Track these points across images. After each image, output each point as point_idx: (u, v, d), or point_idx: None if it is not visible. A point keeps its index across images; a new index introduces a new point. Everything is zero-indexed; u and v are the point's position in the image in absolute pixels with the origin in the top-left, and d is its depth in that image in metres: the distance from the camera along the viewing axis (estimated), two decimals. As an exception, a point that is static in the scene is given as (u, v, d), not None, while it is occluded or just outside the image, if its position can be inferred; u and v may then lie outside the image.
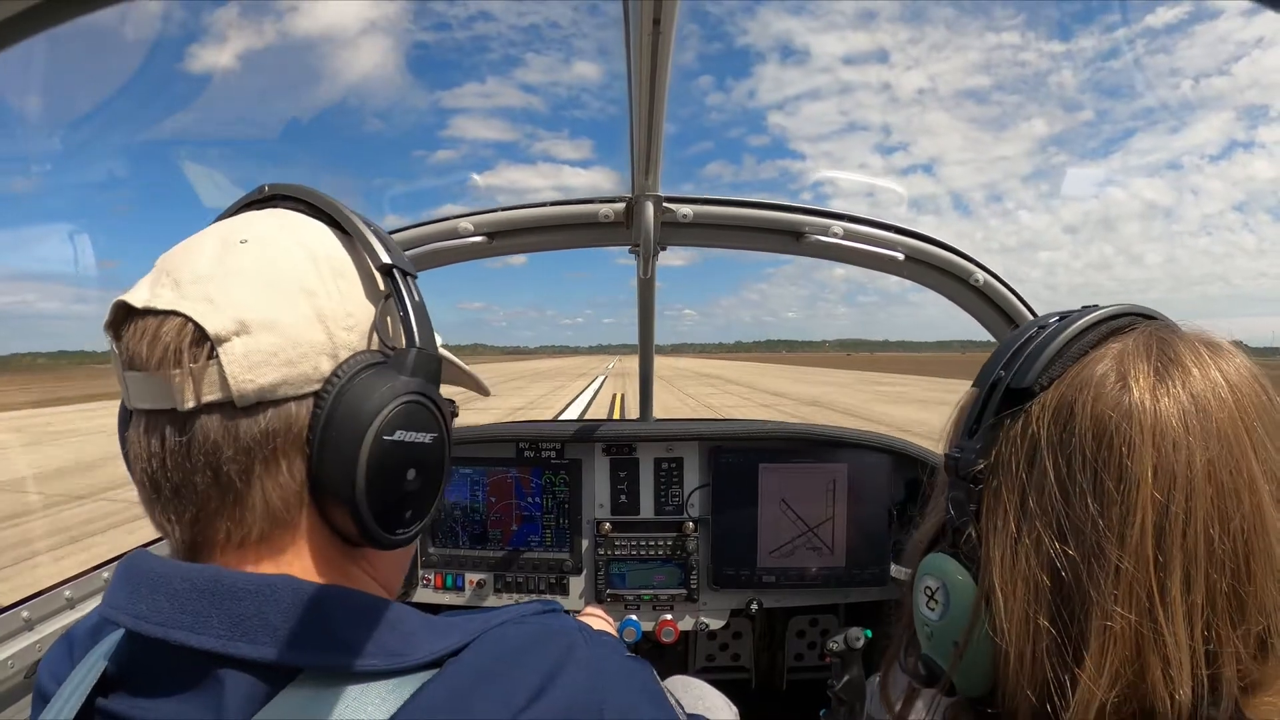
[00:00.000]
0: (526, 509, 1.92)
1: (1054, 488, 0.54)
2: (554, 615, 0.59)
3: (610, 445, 1.92)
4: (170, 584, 0.50)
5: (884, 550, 1.87)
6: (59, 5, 0.60)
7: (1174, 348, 0.56)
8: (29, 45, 0.61)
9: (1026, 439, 0.56)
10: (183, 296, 0.51)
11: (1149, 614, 0.50)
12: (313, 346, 0.53)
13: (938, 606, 0.59)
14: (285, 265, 0.54)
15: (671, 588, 1.89)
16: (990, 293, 1.59)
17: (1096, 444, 0.53)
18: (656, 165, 1.29)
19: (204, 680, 0.48)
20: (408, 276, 0.59)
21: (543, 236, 1.55)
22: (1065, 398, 0.56)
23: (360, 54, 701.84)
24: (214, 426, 0.51)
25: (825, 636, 2.22)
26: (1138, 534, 0.50)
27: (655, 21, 0.86)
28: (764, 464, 1.87)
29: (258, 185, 0.64)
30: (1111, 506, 0.51)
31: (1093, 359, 0.57)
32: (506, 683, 0.51)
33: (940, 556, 0.60)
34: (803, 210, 1.51)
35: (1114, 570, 0.51)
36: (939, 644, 0.60)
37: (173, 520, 0.53)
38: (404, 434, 0.54)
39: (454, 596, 1.91)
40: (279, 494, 0.53)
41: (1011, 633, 0.54)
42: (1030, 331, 0.61)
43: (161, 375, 0.50)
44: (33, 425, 22.50)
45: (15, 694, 1.17)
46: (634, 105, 1.09)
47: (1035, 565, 0.54)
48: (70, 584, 1.30)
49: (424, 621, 0.54)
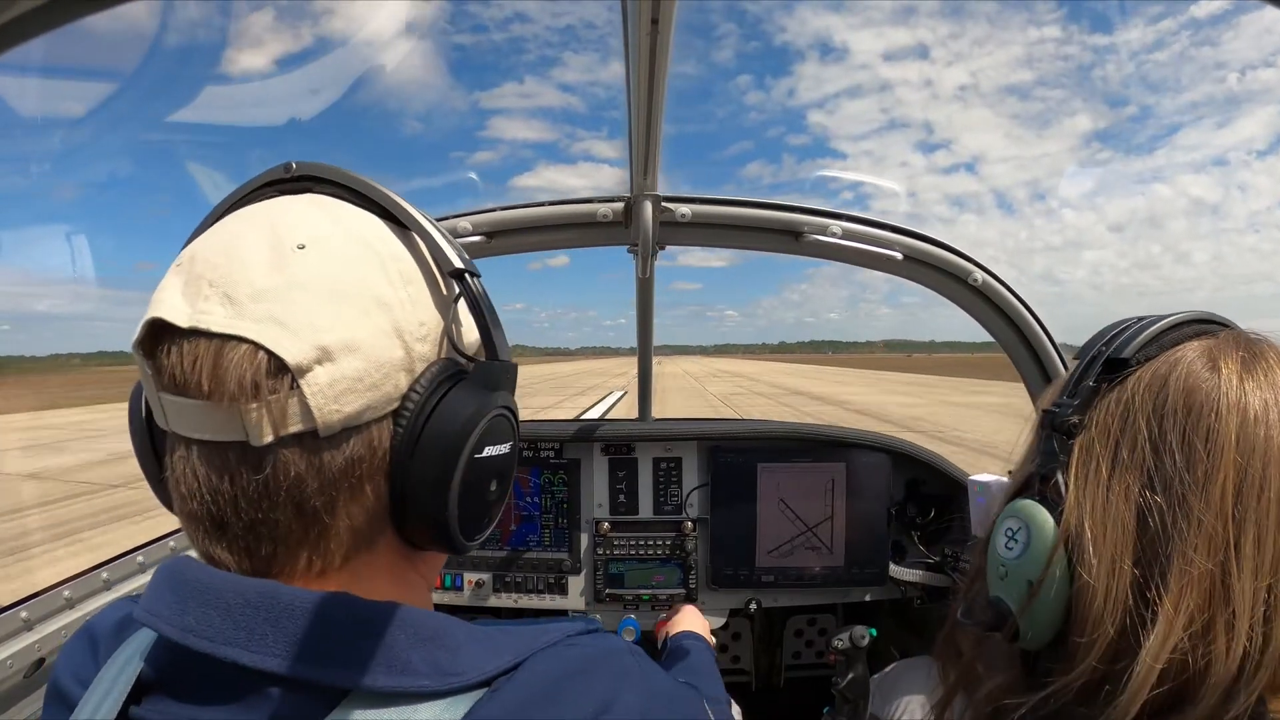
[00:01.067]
0: (525, 509, 1.92)
1: (1146, 444, 0.60)
2: (602, 635, 0.58)
3: (609, 445, 1.92)
4: (223, 598, 0.47)
5: (883, 550, 1.87)
6: (71, 4, 0.60)
7: (1260, 347, 0.63)
8: (27, 48, 0.60)
9: (1122, 402, 0.63)
10: (242, 315, 0.46)
11: (1223, 564, 0.56)
12: (393, 365, 0.49)
13: (1017, 545, 0.64)
14: (355, 273, 0.49)
15: (670, 587, 1.89)
16: (989, 292, 1.59)
17: (1187, 410, 0.59)
18: (655, 165, 1.29)
19: (250, 696, 0.47)
20: (475, 276, 0.55)
21: (541, 236, 1.55)
22: (1159, 372, 0.62)
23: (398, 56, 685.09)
24: (296, 460, 0.47)
25: (824, 636, 2.22)
26: (1219, 491, 0.56)
27: (653, 21, 0.86)
28: (763, 464, 1.87)
29: (281, 164, 0.56)
30: (1198, 464, 0.57)
31: (1185, 347, 0.64)
32: (562, 706, 0.49)
33: (1025, 501, 0.65)
34: (801, 210, 1.52)
35: (1196, 521, 0.56)
36: (1012, 583, 0.64)
37: (240, 553, 0.49)
38: (491, 449, 0.53)
39: (453, 596, 1.91)
40: (364, 519, 0.51)
41: (1100, 568, 0.59)
42: (1129, 321, 0.69)
43: (230, 408, 0.45)
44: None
45: (15, 694, 1.17)
46: (633, 105, 1.09)
47: (1125, 509, 0.59)
48: (69, 584, 1.30)
49: (470, 634, 0.52)
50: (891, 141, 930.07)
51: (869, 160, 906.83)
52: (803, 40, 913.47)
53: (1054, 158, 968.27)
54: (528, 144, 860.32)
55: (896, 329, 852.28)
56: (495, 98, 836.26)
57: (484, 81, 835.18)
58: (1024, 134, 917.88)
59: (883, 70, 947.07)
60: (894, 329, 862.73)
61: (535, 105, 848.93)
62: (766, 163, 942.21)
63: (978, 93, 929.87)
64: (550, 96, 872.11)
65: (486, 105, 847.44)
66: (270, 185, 0.56)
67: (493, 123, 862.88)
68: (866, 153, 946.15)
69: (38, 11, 0.58)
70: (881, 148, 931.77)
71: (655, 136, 1.17)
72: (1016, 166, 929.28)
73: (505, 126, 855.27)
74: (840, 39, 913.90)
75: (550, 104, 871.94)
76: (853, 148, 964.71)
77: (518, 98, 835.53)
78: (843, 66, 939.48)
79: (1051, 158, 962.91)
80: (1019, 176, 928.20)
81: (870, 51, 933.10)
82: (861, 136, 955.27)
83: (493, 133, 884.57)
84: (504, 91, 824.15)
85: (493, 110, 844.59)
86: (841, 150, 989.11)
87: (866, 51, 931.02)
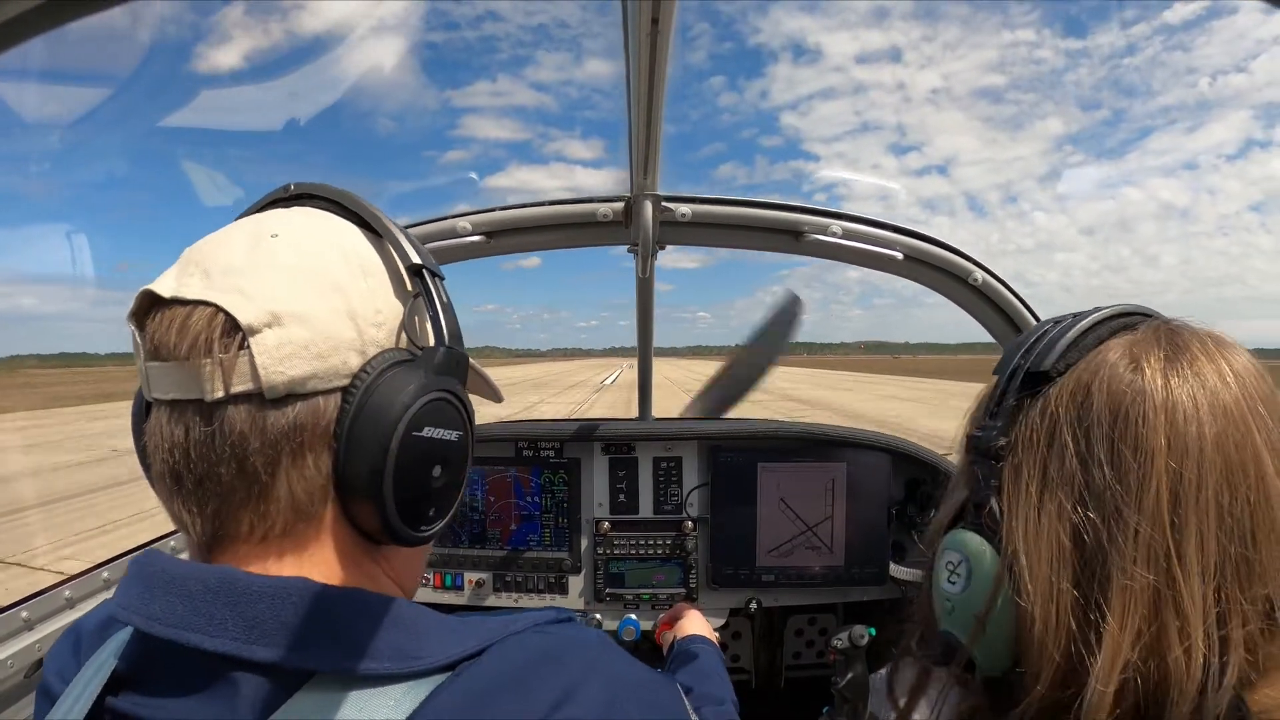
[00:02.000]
0: (525, 508, 1.91)
1: (1074, 459, 0.58)
2: (573, 625, 0.59)
3: (609, 444, 1.92)
4: (184, 585, 0.50)
5: (883, 549, 1.87)
6: (62, 5, 0.60)
7: (1182, 337, 0.60)
8: (26, 49, 0.60)
9: (1046, 417, 0.60)
10: (213, 287, 0.51)
11: (1166, 573, 0.53)
12: (343, 342, 0.53)
13: (959, 579, 0.62)
14: (317, 261, 0.54)
15: (671, 587, 1.89)
16: (989, 292, 1.59)
17: (1113, 418, 0.57)
18: (655, 164, 1.29)
19: (216, 682, 0.48)
20: (436, 277, 0.60)
21: (541, 236, 1.55)
22: (1081, 380, 0.60)
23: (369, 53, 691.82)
24: (242, 417, 0.50)
25: (824, 636, 2.22)
26: (1154, 499, 0.54)
27: (654, 21, 0.86)
28: (763, 463, 1.87)
29: (282, 185, 0.64)
30: (1128, 474, 0.55)
31: (1106, 348, 0.61)
32: (525, 692, 0.50)
33: (962, 532, 0.63)
34: (802, 209, 1.51)
35: (1133, 533, 0.54)
36: (960, 617, 0.62)
37: (194, 512, 0.53)
38: (432, 430, 0.55)
39: (453, 596, 1.91)
40: (304, 487, 0.53)
41: (1037, 594, 0.57)
42: (1045, 327, 0.66)
43: (190, 364, 0.50)
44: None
45: (15, 694, 1.18)
46: (633, 104, 1.09)
47: (1059, 530, 0.57)
48: (70, 584, 1.30)
49: (438, 622, 0.53)
50: (864, 144, 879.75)
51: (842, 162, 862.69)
52: (776, 42, 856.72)
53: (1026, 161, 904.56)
54: (500, 143, 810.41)
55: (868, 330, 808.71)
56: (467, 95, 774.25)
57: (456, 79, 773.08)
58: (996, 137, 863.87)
59: (856, 72, 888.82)
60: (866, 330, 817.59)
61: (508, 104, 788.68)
62: (739, 164, 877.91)
63: (950, 96, 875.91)
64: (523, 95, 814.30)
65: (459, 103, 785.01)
66: (274, 203, 0.62)
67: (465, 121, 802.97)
68: (839, 154, 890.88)
69: (37, 12, 0.58)
70: (854, 150, 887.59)
71: (655, 136, 1.16)
72: (989, 169, 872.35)
73: (477, 125, 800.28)
74: (814, 41, 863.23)
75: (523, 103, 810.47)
76: (825, 149, 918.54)
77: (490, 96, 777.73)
78: (816, 69, 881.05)
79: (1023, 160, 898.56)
80: (991, 179, 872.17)
81: (844, 54, 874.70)
82: (834, 138, 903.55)
83: (465, 131, 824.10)
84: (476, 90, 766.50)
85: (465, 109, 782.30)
86: (814, 152, 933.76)
87: (840, 54, 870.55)
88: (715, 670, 1.27)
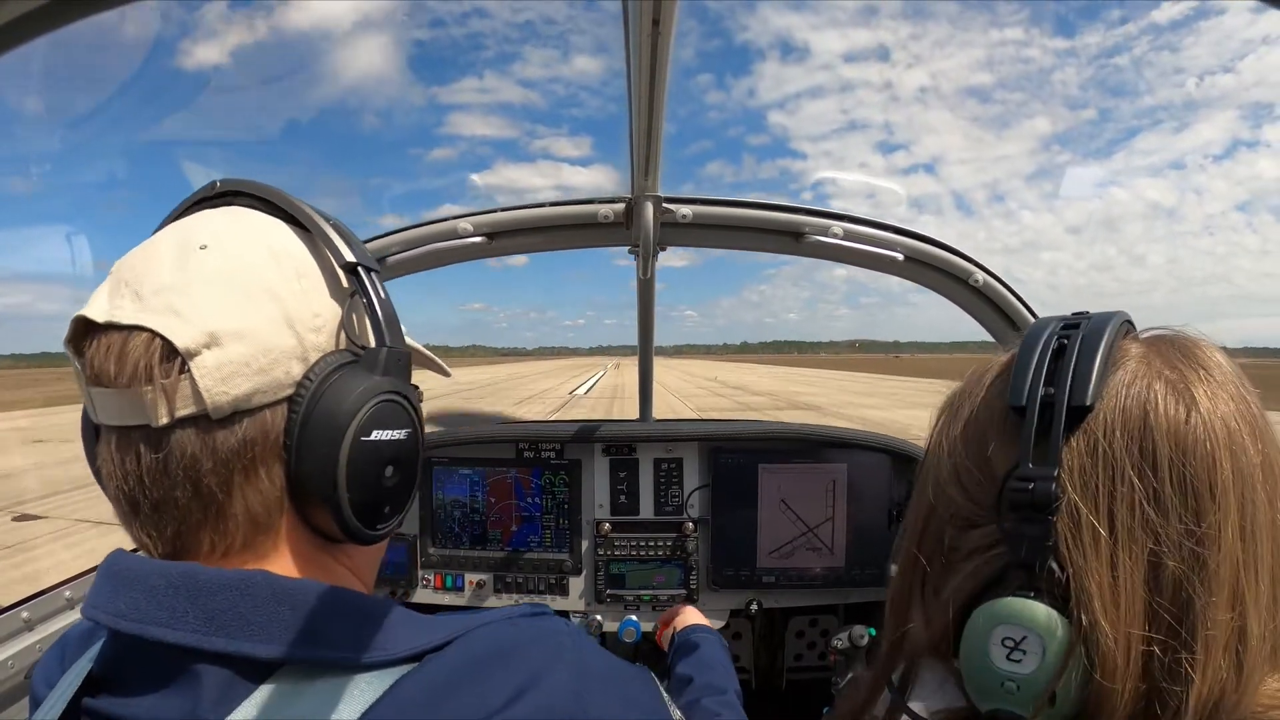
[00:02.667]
0: (526, 509, 1.91)
1: (1144, 501, 0.52)
2: (544, 617, 0.59)
3: (610, 445, 1.92)
4: (147, 580, 0.50)
5: (884, 551, 1.87)
6: (62, 7, 0.60)
7: (1191, 351, 0.57)
8: (27, 50, 0.61)
9: (1097, 455, 0.53)
10: (146, 309, 0.50)
11: (1242, 608, 0.51)
12: (283, 352, 0.53)
13: (1025, 656, 0.53)
14: (248, 269, 0.54)
15: (671, 588, 1.89)
16: (990, 293, 1.59)
17: (1181, 455, 0.52)
18: (656, 166, 1.29)
19: (181, 676, 0.48)
20: (372, 273, 0.59)
21: (542, 237, 1.55)
22: (1130, 411, 0.54)
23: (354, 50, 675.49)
24: (191, 440, 0.50)
25: (825, 637, 2.22)
26: (1231, 535, 0.51)
27: (655, 22, 0.86)
28: (764, 464, 1.87)
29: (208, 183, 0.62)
30: (1206, 514, 0.51)
31: (1127, 369, 0.56)
32: (487, 681, 0.50)
33: (1016, 601, 0.53)
34: (802, 210, 1.51)
35: (1214, 573, 0.51)
36: (1026, 697, 0.54)
37: (153, 535, 0.53)
38: (380, 433, 0.55)
39: (454, 597, 1.91)
40: (260, 500, 0.53)
41: (1119, 660, 0.51)
42: (1040, 339, 0.59)
43: (133, 392, 0.50)
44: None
45: (15, 694, 1.18)
46: (633, 105, 1.09)
47: (1138, 586, 0.51)
48: (70, 584, 1.30)
49: (404, 616, 0.54)
50: (852, 142, 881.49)
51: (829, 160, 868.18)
52: (764, 39, 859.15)
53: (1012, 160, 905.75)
54: (486, 140, 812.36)
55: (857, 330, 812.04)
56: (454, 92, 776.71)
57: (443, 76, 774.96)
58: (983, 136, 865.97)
59: (844, 71, 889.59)
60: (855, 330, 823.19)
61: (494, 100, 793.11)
62: (727, 162, 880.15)
63: (938, 94, 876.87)
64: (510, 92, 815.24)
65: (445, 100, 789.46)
66: (201, 202, 0.61)
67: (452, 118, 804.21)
68: (826, 153, 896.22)
69: (38, 13, 0.58)
70: (841, 148, 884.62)
71: (656, 138, 1.16)
72: (975, 168, 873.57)
73: (464, 122, 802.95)
74: (802, 38, 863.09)
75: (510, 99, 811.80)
76: (813, 148, 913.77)
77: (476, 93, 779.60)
78: (804, 67, 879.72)
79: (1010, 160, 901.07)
80: (978, 178, 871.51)
81: (831, 52, 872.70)
82: (821, 137, 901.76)
83: (451, 129, 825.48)
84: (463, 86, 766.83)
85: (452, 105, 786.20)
86: (802, 150, 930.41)
87: (828, 52, 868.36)
88: (717, 660, 1.25)
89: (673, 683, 1.20)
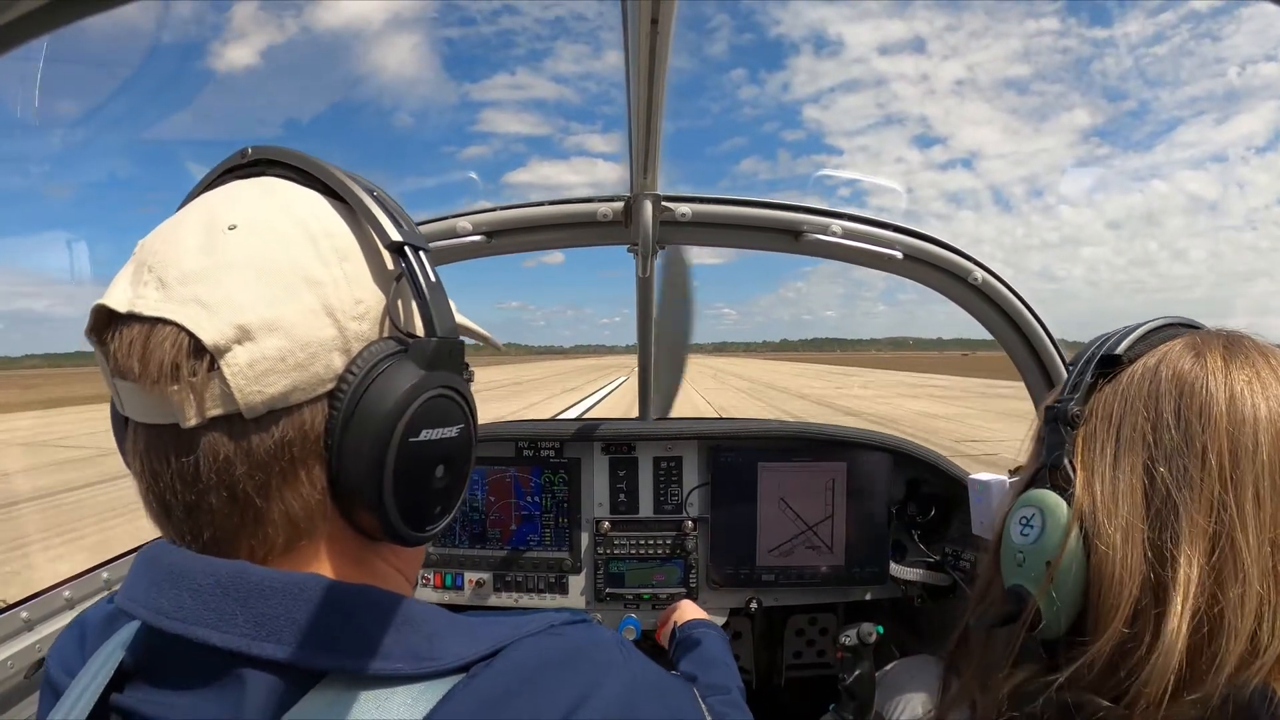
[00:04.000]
0: (526, 508, 1.91)
1: (1145, 423, 0.65)
2: (588, 626, 0.57)
3: (609, 444, 1.92)
4: (194, 579, 0.47)
5: (884, 549, 1.87)
6: (63, 6, 0.60)
7: (1239, 340, 0.68)
8: (29, 49, 0.61)
9: (1119, 393, 0.68)
10: (170, 299, 0.46)
11: (1228, 522, 0.60)
12: (323, 344, 0.48)
13: (1032, 530, 0.67)
14: (282, 252, 0.49)
15: (671, 587, 1.89)
16: (989, 291, 1.59)
17: (1179, 392, 0.65)
18: (655, 164, 1.29)
19: (225, 678, 0.46)
20: (420, 252, 0.53)
21: (541, 235, 1.55)
22: (1149, 364, 0.68)
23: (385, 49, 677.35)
24: (223, 443, 0.47)
25: (825, 635, 2.22)
26: (1216, 459, 0.61)
27: (653, 21, 0.86)
28: (763, 463, 1.87)
29: (239, 149, 0.56)
30: (1194, 438, 0.62)
31: (1171, 343, 0.69)
32: (540, 695, 0.49)
33: (1035, 490, 0.69)
34: (801, 209, 1.51)
35: (1198, 485, 0.61)
36: (1030, 567, 0.67)
37: (188, 540, 0.50)
38: (430, 432, 0.51)
39: (454, 596, 1.91)
40: (300, 505, 0.50)
41: (1116, 537, 0.63)
42: (1117, 329, 0.74)
43: (158, 391, 0.46)
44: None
45: (15, 694, 1.17)
46: (632, 104, 1.09)
47: (1132, 482, 0.64)
48: (70, 584, 1.30)
49: (451, 622, 0.51)
50: (888, 137, 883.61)
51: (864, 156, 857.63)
52: (797, 33, 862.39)
53: (1051, 153, 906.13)
54: (520, 138, 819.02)
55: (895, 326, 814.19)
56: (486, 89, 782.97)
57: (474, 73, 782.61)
58: (1021, 129, 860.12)
59: (878, 64, 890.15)
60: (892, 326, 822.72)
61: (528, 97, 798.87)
62: (761, 159, 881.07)
63: (975, 87, 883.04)
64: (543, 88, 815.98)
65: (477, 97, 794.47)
66: (230, 172, 0.56)
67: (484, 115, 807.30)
68: (862, 148, 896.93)
69: (38, 12, 0.58)
70: (878, 143, 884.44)
71: (655, 136, 1.17)
72: (1014, 162, 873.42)
73: (497, 120, 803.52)
74: (835, 31, 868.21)
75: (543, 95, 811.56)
76: (848, 143, 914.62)
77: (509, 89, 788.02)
78: (838, 60, 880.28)
79: (1049, 153, 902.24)
80: (1016, 173, 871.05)
81: (866, 45, 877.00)
82: (857, 132, 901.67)
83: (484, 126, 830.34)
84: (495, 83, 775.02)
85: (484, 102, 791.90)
86: (837, 146, 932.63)
87: (862, 45, 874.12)
88: (719, 657, 1.24)
89: None
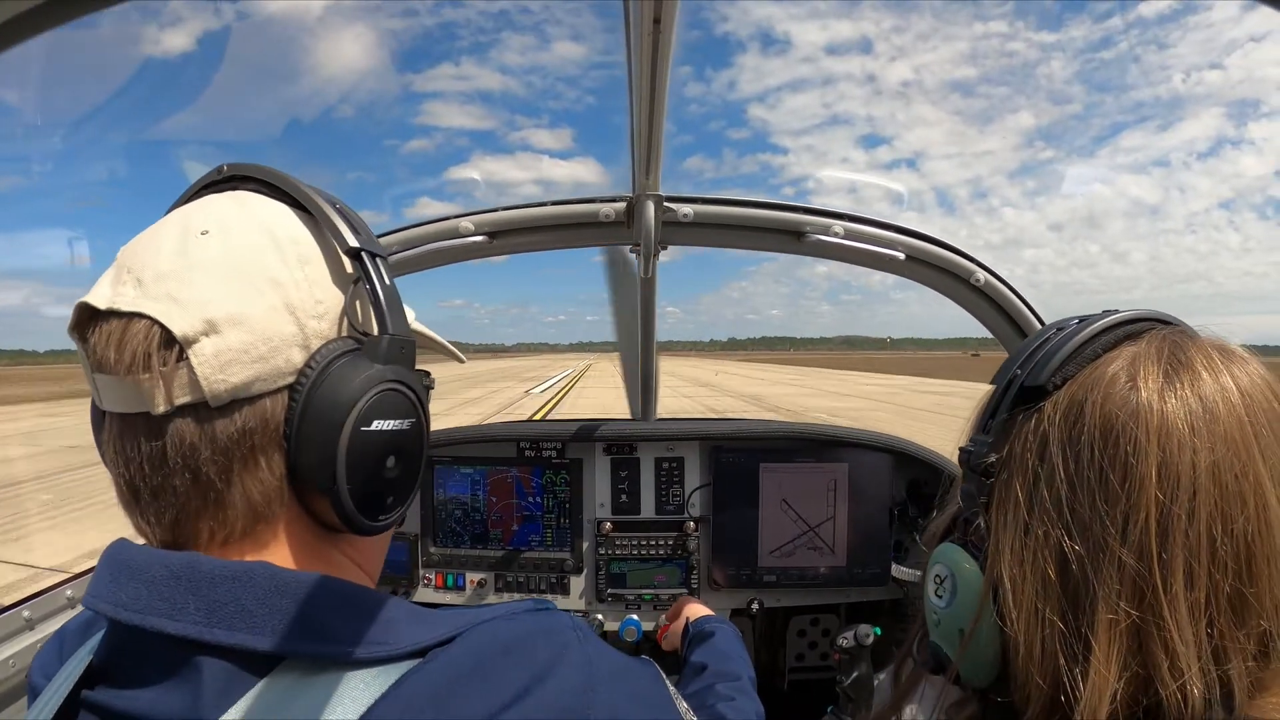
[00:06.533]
0: (527, 508, 1.91)
1: (1063, 483, 0.55)
2: (547, 613, 0.59)
3: (611, 445, 1.92)
4: (149, 571, 0.50)
5: (885, 550, 1.87)
6: (60, 6, 0.60)
7: (1186, 352, 0.56)
8: (26, 48, 0.60)
9: (1038, 435, 0.57)
10: (146, 296, 0.51)
11: (1152, 609, 0.51)
12: (284, 339, 0.52)
13: (945, 594, 0.61)
14: (249, 255, 0.53)
15: (672, 587, 1.89)
16: (991, 292, 1.58)
17: (1104, 442, 0.54)
18: (657, 165, 1.29)
19: (182, 668, 0.48)
20: (376, 258, 0.58)
21: (543, 236, 1.55)
22: (1076, 396, 0.57)
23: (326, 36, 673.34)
24: (189, 429, 0.50)
25: (827, 636, 2.22)
26: (1139, 531, 0.51)
27: (655, 20, 0.86)
28: (765, 464, 1.87)
29: (215, 167, 0.62)
30: (1116, 504, 0.52)
31: (1105, 360, 0.58)
32: (493, 678, 0.50)
33: (950, 546, 0.62)
34: (804, 210, 1.51)
35: (1118, 565, 0.52)
36: (946, 632, 0.61)
37: (152, 523, 0.53)
38: (381, 423, 0.54)
39: (454, 596, 1.91)
40: (259, 490, 0.53)
41: (1020, 622, 0.55)
42: (1048, 334, 0.63)
43: (131, 380, 0.50)
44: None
45: (15, 694, 1.18)
46: (634, 104, 1.09)
47: (1044, 558, 0.55)
48: (70, 584, 1.30)
49: (408, 611, 0.54)
50: (834, 136, 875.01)
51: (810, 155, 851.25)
52: (744, 31, 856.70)
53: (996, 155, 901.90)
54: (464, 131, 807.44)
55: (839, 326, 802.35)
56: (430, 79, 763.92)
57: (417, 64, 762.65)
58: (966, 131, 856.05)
59: (826, 64, 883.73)
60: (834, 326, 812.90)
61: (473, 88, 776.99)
62: (706, 157, 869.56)
63: (921, 89, 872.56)
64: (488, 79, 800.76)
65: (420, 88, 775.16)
66: (207, 187, 0.61)
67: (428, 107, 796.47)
68: (808, 147, 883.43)
69: (38, 12, 0.58)
70: (823, 143, 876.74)
71: (658, 136, 1.16)
72: (958, 164, 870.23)
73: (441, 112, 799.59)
74: (783, 30, 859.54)
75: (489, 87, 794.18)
76: (794, 142, 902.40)
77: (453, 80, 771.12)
78: (785, 59, 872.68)
79: (994, 155, 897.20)
80: (960, 174, 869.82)
81: (813, 44, 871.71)
82: (803, 131, 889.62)
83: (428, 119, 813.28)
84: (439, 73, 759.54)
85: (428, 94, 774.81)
86: (783, 145, 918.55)
87: (809, 44, 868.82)
88: (732, 648, 1.26)
89: (687, 670, 1.21)
